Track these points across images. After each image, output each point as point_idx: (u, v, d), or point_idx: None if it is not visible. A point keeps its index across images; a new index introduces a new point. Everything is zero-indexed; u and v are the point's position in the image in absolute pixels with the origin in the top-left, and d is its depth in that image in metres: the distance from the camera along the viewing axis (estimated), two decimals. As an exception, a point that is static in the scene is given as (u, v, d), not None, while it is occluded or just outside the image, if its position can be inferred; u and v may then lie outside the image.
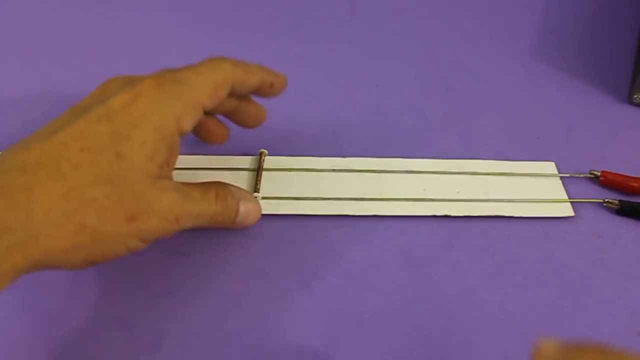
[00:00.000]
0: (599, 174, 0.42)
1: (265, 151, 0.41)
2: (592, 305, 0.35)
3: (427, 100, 0.48)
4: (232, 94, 0.33)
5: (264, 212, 0.38)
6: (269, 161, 0.42)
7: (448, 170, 0.42)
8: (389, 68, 0.51)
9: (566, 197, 0.41)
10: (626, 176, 0.41)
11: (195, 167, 0.41)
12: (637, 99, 0.48)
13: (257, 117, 0.37)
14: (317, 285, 0.36)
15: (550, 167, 0.43)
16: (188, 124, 0.30)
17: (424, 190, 0.41)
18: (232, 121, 0.37)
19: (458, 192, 0.41)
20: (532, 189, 0.41)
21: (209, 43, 0.53)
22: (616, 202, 0.40)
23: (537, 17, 0.58)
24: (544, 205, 0.40)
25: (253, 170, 0.41)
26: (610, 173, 0.42)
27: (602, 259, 0.38)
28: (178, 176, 0.32)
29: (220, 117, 0.37)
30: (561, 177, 0.42)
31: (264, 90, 0.34)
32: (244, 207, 0.35)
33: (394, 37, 0.55)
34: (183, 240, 0.37)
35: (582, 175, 0.42)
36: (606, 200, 0.40)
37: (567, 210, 0.40)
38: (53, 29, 0.53)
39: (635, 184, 0.41)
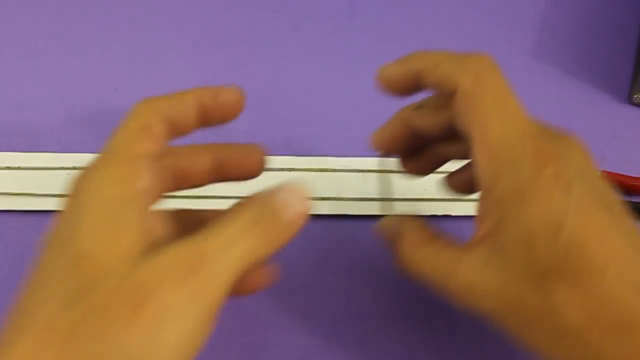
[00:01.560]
0: (599, 173, 0.42)
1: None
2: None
3: (427, 100, 0.48)
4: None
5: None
6: (273, 161, 0.41)
7: (448, 169, 0.42)
8: (389, 68, 0.51)
9: (566, 197, 0.41)
10: (627, 176, 0.41)
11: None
12: (637, 99, 0.48)
13: (253, 161, 0.30)
14: (317, 285, 0.35)
15: (550, 167, 0.43)
16: (140, 182, 0.23)
17: (425, 190, 0.40)
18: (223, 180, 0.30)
19: (458, 192, 0.41)
20: (532, 189, 0.41)
21: (209, 43, 0.53)
22: (616, 202, 0.40)
23: (537, 17, 0.58)
24: (544, 205, 0.40)
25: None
26: (611, 173, 0.42)
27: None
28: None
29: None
30: (561, 177, 0.42)
31: (211, 109, 0.27)
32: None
33: (394, 37, 0.55)
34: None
35: (582, 175, 0.42)
36: (606, 200, 0.40)
37: (567, 210, 0.40)
38: (53, 29, 0.53)
39: (637, 184, 0.41)
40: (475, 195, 0.40)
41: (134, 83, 0.48)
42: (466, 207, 0.40)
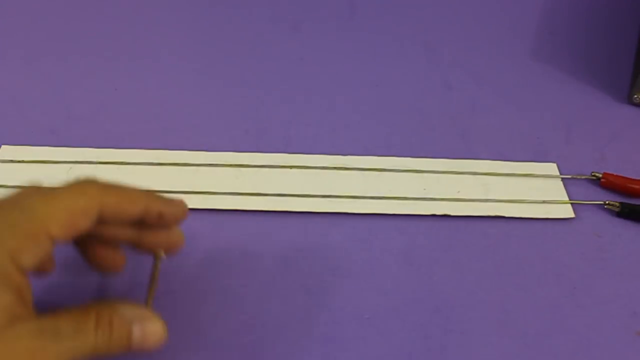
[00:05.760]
0: (600, 175, 0.42)
1: (162, 253, 0.32)
2: (592, 305, 0.35)
3: (427, 100, 0.48)
4: (117, 223, 0.28)
5: (266, 208, 0.38)
6: (272, 158, 0.42)
7: (448, 170, 0.42)
8: (389, 68, 0.51)
9: (567, 199, 0.41)
10: (628, 178, 0.41)
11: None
12: (637, 99, 0.48)
13: (169, 245, 0.31)
14: (317, 285, 0.35)
15: (551, 168, 0.43)
16: (28, 260, 0.25)
17: (425, 189, 0.40)
18: (136, 249, 0.31)
19: (458, 192, 0.41)
20: (532, 190, 0.41)
21: (208, 43, 0.53)
22: (617, 204, 0.40)
23: (537, 17, 0.58)
24: (544, 206, 0.40)
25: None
26: (611, 175, 0.41)
27: (602, 259, 0.38)
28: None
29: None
30: (562, 179, 0.42)
31: (151, 221, 0.29)
32: (139, 331, 0.27)
33: (394, 37, 0.55)
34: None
35: (583, 177, 0.42)
36: (607, 202, 0.40)
37: (567, 211, 0.40)
38: (54, 29, 0.53)
39: (637, 186, 0.41)
40: (472, 195, 0.40)
41: (134, 83, 0.48)
42: (466, 207, 0.40)
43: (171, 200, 0.30)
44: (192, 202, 0.38)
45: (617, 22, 0.58)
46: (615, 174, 0.42)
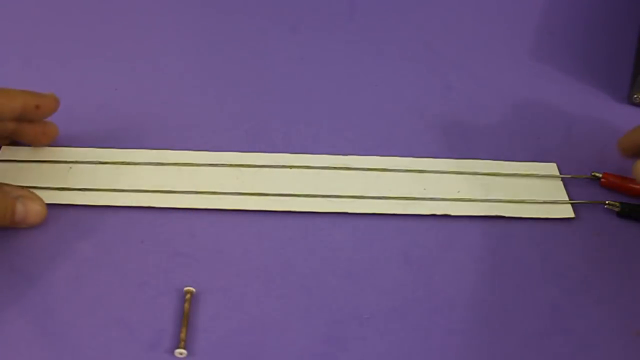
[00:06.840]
0: (600, 175, 0.42)
1: (192, 290, 0.34)
2: (592, 305, 0.35)
3: (427, 100, 0.48)
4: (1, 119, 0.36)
5: (266, 208, 0.38)
6: (273, 158, 0.42)
7: (448, 169, 0.42)
8: (389, 68, 0.51)
9: (567, 199, 0.41)
10: (628, 178, 0.41)
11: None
12: (637, 99, 0.48)
13: (45, 134, 0.40)
14: (317, 285, 0.36)
15: (551, 168, 0.43)
16: None
17: (425, 189, 0.40)
18: (19, 140, 0.40)
19: (458, 192, 0.41)
20: (532, 190, 0.41)
21: (208, 43, 0.53)
22: (617, 204, 0.40)
23: (536, 17, 0.58)
24: (544, 207, 0.40)
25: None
26: (611, 175, 0.41)
27: (602, 259, 0.38)
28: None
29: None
30: (562, 178, 0.42)
31: (31, 113, 0.37)
32: (23, 207, 0.34)
33: (394, 37, 0.55)
34: (183, 241, 0.37)
35: (583, 177, 0.42)
36: (607, 202, 0.40)
37: (567, 211, 0.40)
38: (55, 30, 0.53)
39: (637, 186, 0.41)
40: (472, 195, 0.40)
41: (134, 83, 0.48)
42: (466, 207, 0.40)
43: (44, 94, 0.38)
44: (192, 202, 0.39)
45: (617, 22, 0.58)
46: (615, 174, 0.42)
